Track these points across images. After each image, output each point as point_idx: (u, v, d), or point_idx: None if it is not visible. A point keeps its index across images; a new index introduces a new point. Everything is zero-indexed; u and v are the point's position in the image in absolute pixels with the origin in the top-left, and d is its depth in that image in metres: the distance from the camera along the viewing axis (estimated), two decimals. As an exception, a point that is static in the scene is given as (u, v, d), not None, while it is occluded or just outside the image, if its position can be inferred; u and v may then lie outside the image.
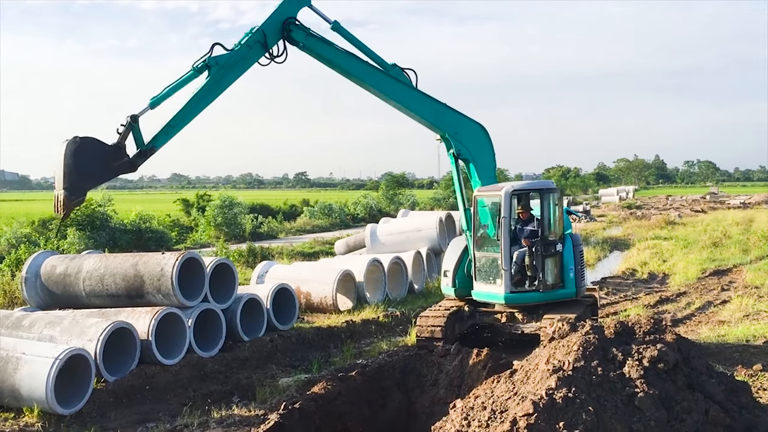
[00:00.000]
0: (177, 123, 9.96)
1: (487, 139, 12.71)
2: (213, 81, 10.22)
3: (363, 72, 11.73)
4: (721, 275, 21.76)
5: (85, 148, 9.19)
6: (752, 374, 10.46)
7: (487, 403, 6.72)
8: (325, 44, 11.50)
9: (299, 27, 11.22)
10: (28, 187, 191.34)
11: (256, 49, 10.75)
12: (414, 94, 12.01)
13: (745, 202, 67.75)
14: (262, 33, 10.77)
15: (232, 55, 10.47)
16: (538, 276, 12.51)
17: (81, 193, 9.34)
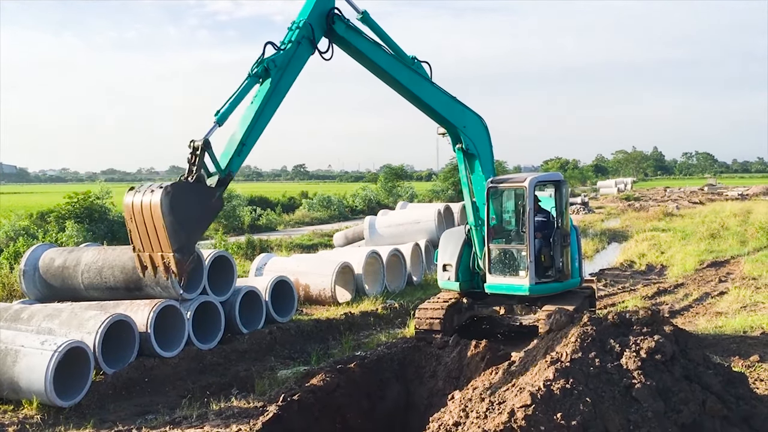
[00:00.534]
0: (249, 140, 8.68)
1: (487, 132, 12.68)
2: (273, 84, 9.04)
3: (394, 68, 11.11)
4: (718, 267, 21.79)
5: (179, 197, 7.71)
6: (749, 365, 10.49)
7: (485, 394, 6.74)
8: (363, 38, 10.63)
9: (341, 18, 10.20)
10: (26, 179, 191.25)
11: (305, 45, 9.58)
12: (432, 89, 11.65)
13: (743, 193, 67.84)
14: (309, 27, 9.54)
15: (286, 54, 9.27)
16: (556, 266, 12.59)
17: (192, 249, 7.98)
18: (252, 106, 8.79)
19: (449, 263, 13.25)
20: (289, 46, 9.30)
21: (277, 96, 9.08)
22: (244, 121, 8.71)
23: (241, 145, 8.52)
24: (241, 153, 8.52)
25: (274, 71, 8.97)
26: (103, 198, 29.68)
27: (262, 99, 8.85)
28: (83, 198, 28.38)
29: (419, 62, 11.68)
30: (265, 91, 8.88)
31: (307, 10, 9.66)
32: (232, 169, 8.46)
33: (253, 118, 8.67)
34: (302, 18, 9.57)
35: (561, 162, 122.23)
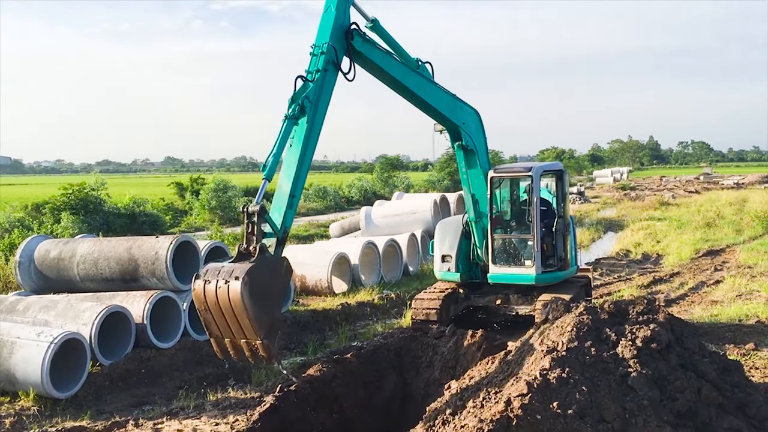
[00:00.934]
0: (297, 189, 8.25)
1: (482, 124, 12.63)
2: (310, 121, 8.39)
3: (404, 76, 10.70)
4: (714, 255, 21.85)
5: (256, 283, 7.13)
6: (744, 353, 10.54)
7: (481, 384, 6.76)
8: (377, 49, 10.04)
9: (358, 32, 9.39)
10: (21, 171, 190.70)
11: (331, 70, 8.85)
12: (435, 90, 11.50)
13: (738, 182, 67.92)
14: (333, 50, 8.81)
15: (316, 85, 8.58)
16: (558, 255, 12.66)
17: (276, 330, 7.60)
18: (293, 150, 8.25)
19: (449, 254, 13.24)
20: (317, 76, 8.62)
21: (315, 132, 8.55)
22: (288, 169, 8.20)
23: (291, 198, 8.07)
24: (293, 205, 8.09)
25: (309, 107, 8.39)
26: (99, 189, 29.62)
27: (302, 140, 8.28)
28: (78, 189, 28.33)
29: (423, 64, 11.55)
30: (303, 130, 8.30)
31: (327, 31, 8.92)
32: (287, 225, 7.98)
33: (297, 163, 8.17)
34: (324, 41, 8.81)
35: (557, 152, 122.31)
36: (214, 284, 7.06)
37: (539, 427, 5.44)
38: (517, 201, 13.22)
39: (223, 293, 6.99)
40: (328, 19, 8.96)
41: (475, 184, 12.63)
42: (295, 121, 8.21)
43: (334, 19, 8.91)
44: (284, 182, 8.07)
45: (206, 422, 9.03)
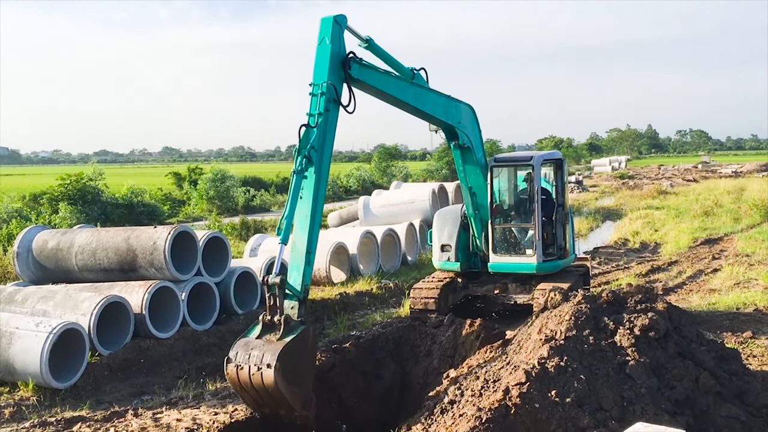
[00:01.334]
0: (313, 245, 8.00)
1: (477, 119, 12.53)
2: (317, 170, 8.06)
3: (401, 92, 10.43)
4: (712, 244, 21.87)
5: (287, 364, 7.15)
6: (742, 341, 10.56)
7: (480, 372, 6.77)
8: (374, 72, 9.62)
9: (355, 59, 8.89)
10: (18, 161, 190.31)
11: (333, 108, 8.46)
12: (431, 97, 11.30)
13: (736, 171, 67.91)
14: (332, 88, 8.39)
15: (319, 130, 8.18)
16: (558, 243, 12.69)
17: (310, 395, 7.55)
18: (304, 204, 7.98)
19: (448, 243, 13.23)
20: (320, 120, 8.22)
21: (323, 180, 8.25)
22: (301, 225, 7.96)
23: (307, 254, 7.87)
24: (310, 261, 7.92)
25: (316, 156, 8.07)
26: (96, 179, 29.59)
27: (312, 191, 7.99)
28: (76, 180, 28.30)
29: (418, 72, 11.29)
30: (312, 181, 7.99)
31: (324, 68, 8.43)
32: (307, 283, 7.84)
33: (310, 217, 7.93)
34: (322, 80, 8.35)
35: (555, 141, 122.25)
36: (247, 370, 7.12)
37: (537, 415, 5.45)
38: (519, 190, 13.22)
39: (257, 379, 7.06)
40: (323, 54, 8.50)
41: (472, 177, 12.56)
42: (303, 175, 7.93)
43: (330, 52, 8.46)
44: (299, 239, 7.87)
45: (205, 411, 9.04)
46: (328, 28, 8.49)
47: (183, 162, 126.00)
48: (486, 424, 5.31)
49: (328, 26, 8.49)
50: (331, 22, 8.50)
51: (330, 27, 8.48)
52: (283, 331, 7.28)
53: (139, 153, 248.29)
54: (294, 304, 7.59)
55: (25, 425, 8.81)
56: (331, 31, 8.50)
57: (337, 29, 8.54)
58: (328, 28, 8.49)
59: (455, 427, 5.70)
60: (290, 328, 7.35)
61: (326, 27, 8.51)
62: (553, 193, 13.12)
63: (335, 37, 8.54)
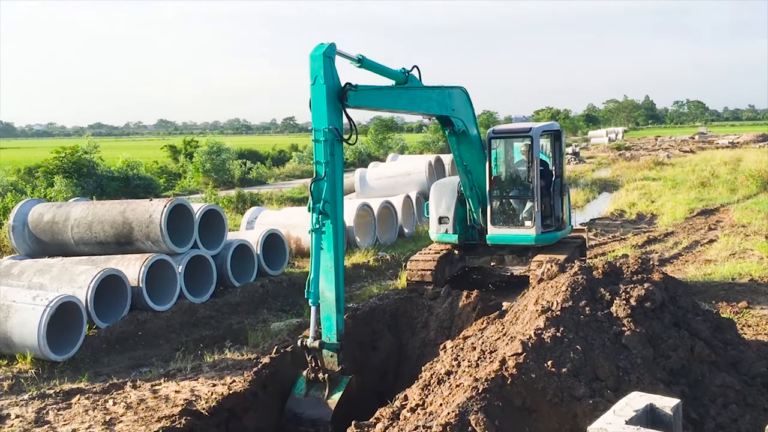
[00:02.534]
0: (340, 292, 8.12)
1: (469, 99, 12.38)
2: (334, 219, 8.10)
3: (396, 102, 10.39)
4: (708, 215, 21.90)
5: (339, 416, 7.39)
6: (737, 311, 10.62)
7: (476, 343, 6.79)
8: (370, 93, 9.36)
9: (351, 88, 8.54)
10: (12, 134, 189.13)
11: (337, 150, 8.31)
12: (425, 96, 11.14)
13: (733, 141, 67.82)
14: (335, 131, 8.19)
15: (329, 179, 8.14)
16: (556, 215, 12.70)
17: None
18: (326, 256, 8.05)
19: (446, 216, 13.23)
20: (328, 169, 8.14)
21: (340, 228, 8.29)
22: (327, 276, 8.04)
23: (337, 303, 8.02)
24: (341, 309, 8.09)
25: (330, 207, 8.08)
26: (91, 152, 29.46)
27: (332, 243, 8.04)
28: (71, 153, 28.17)
29: (410, 74, 10.81)
30: (330, 232, 8.05)
31: (323, 112, 8.17)
32: (341, 329, 8.06)
33: (334, 267, 8.03)
34: (323, 125, 8.13)
35: (552, 112, 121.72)
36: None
37: (534, 385, 5.48)
38: (517, 161, 13.18)
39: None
40: (319, 95, 8.17)
41: (467, 157, 12.46)
42: (321, 231, 7.96)
43: (325, 92, 8.11)
44: (327, 290, 7.98)
45: (203, 383, 9.10)
46: (320, 66, 8.03)
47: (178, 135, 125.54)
48: (482, 394, 5.34)
49: (320, 63, 8.02)
50: (321, 59, 7.99)
51: (321, 64, 8.01)
52: (330, 389, 7.62)
53: (134, 126, 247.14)
54: (333, 353, 7.81)
55: (24, 397, 8.87)
56: (323, 69, 8.04)
57: (328, 64, 8.10)
58: (320, 66, 8.03)
59: (452, 397, 5.73)
60: (335, 383, 7.66)
61: (317, 64, 8.04)
62: (551, 165, 13.09)
63: (328, 73, 8.12)
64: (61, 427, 7.95)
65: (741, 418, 5.64)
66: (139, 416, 8.16)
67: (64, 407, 8.54)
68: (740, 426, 5.58)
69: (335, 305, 7.94)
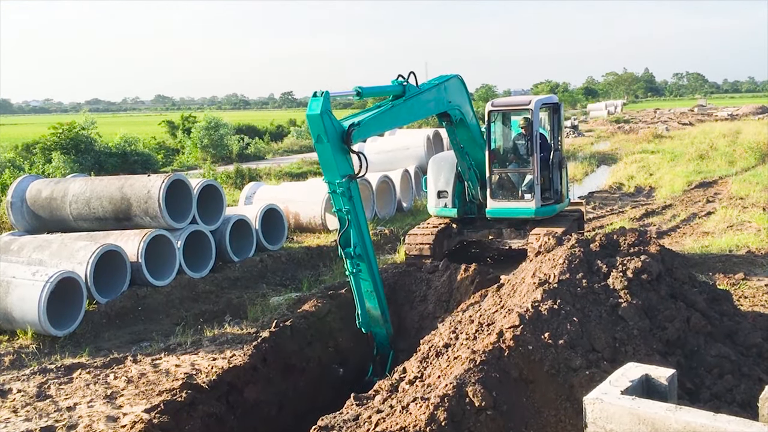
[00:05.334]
0: (384, 306, 8.71)
1: (465, 85, 12.22)
2: (366, 256, 8.48)
3: (397, 120, 10.37)
4: (706, 187, 21.92)
5: None
6: (734, 283, 10.67)
7: (474, 316, 6.84)
8: (372, 125, 9.40)
9: (353, 129, 8.58)
10: (9, 111, 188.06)
11: (353, 188, 8.43)
12: (423, 101, 10.85)
13: (732, 114, 67.58)
14: (347, 182, 8.27)
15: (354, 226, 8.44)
16: (555, 188, 12.72)
17: None
18: (367, 284, 8.60)
19: (445, 190, 13.23)
20: (350, 217, 8.39)
21: (372, 254, 8.70)
22: (369, 298, 8.63)
23: (383, 316, 8.71)
24: (387, 319, 8.79)
25: (361, 248, 8.45)
26: (89, 128, 29.32)
27: (369, 274, 8.51)
28: (68, 129, 28.04)
29: (408, 85, 10.70)
30: (366, 267, 8.48)
31: (332, 166, 8.21)
32: (391, 332, 8.89)
33: (374, 290, 8.58)
34: (336, 179, 8.22)
35: (551, 85, 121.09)
36: None
37: (531, 357, 5.53)
38: (517, 135, 13.14)
39: None
40: (325, 153, 8.17)
41: (464, 140, 12.38)
42: (358, 271, 8.43)
43: (331, 148, 8.09)
44: (372, 309, 8.63)
45: (203, 357, 9.17)
46: (320, 125, 7.94)
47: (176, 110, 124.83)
48: (480, 366, 5.38)
49: (319, 123, 7.92)
50: (320, 118, 7.89)
51: (321, 123, 7.91)
52: None
53: (131, 101, 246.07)
54: (389, 353, 8.84)
55: (26, 372, 8.93)
56: (323, 126, 7.97)
57: (327, 119, 8.02)
58: (320, 125, 7.94)
59: (450, 369, 5.78)
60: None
61: (317, 124, 7.95)
62: (549, 138, 13.06)
63: (329, 127, 8.07)
64: (63, 401, 8.02)
65: (736, 388, 5.69)
66: (140, 390, 8.23)
67: (65, 382, 8.61)
68: (735, 396, 5.63)
69: (382, 318, 8.65)
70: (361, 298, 8.50)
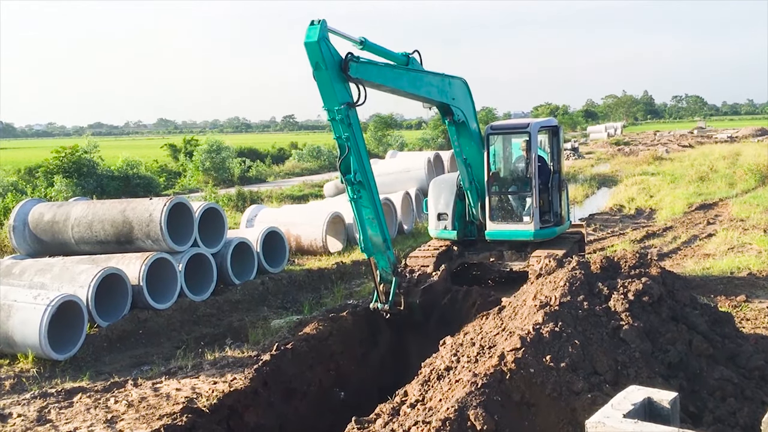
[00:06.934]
0: (386, 233, 9.06)
1: (470, 91, 12.43)
2: (367, 181, 8.83)
3: (397, 81, 10.40)
4: (707, 209, 21.93)
5: None
6: (735, 305, 10.65)
7: (475, 339, 6.83)
8: (373, 67, 9.58)
9: (352, 59, 8.82)
10: (12, 134, 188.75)
11: (352, 116, 8.75)
12: (426, 80, 11.21)
13: (732, 136, 67.75)
14: (345, 107, 8.59)
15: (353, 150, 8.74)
16: (554, 210, 12.73)
17: None
18: (368, 211, 8.96)
19: (445, 212, 13.29)
20: (350, 143, 8.74)
21: (373, 184, 9.06)
22: (371, 225, 8.96)
23: (385, 243, 9.05)
24: (390, 246, 9.18)
25: (361, 174, 8.81)
26: (91, 152, 29.47)
27: (370, 200, 8.90)
28: (71, 152, 28.18)
29: (412, 57, 11.13)
30: (365, 194, 8.88)
31: (330, 93, 8.53)
32: (393, 260, 9.28)
33: (375, 217, 8.93)
34: (335, 105, 8.56)
35: (551, 108, 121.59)
36: None
37: (532, 380, 5.51)
38: (515, 158, 13.21)
39: None
40: (324, 79, 8.48)
41: (467, 150, 12.50)
42: (359, 197, 8.83)
43: (328, 75, 8.39)
44: (374, 236, 8.99)
45: (204, 381, 9.13)
46: (317, 52, 8.21)
47: (178, 134, 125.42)
48: (482, 389, 5.37)
49: (316, 50, 8.19)
50: (317, 45, 8.14)
51: (318, 50, 8.18)
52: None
53: (133, 125, 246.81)
54: (392, 280, 9.20)
55: (26, 396, 8.90)
56: (321, 54, 8.23)
57: (325, 47, 8.28)
58: (317, 52, 8.21)
59: (451, 392, 5.76)
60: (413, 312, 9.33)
61: (315, 52, 8.22)
62: (548, 161, 13.11)
63: (327, 55, 8.32)
64: (63, 426, 7.98)
65: (739, 411, 5.67)
66: (141, 414, 8.19)
67: (65, 406, 8.57)
68: (738, 419, 5.60)
69: (384, 245, 9.00)
70: (362, 224, 8.89)
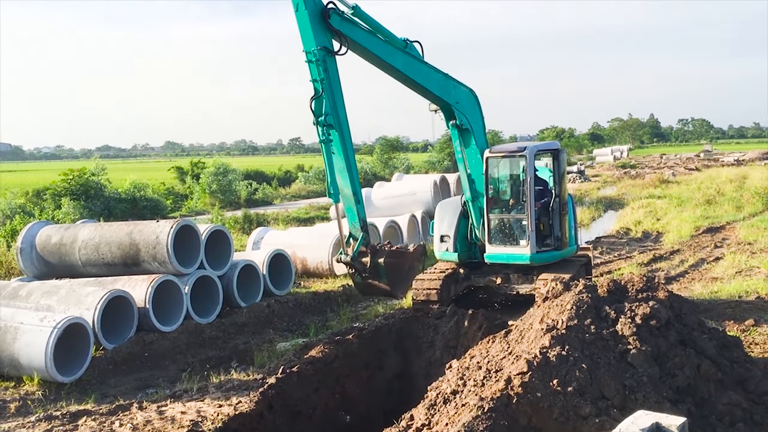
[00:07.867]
0: (357, 186, 9.28)
1: (479, 104, 12.57)
2: (337, 124, 9.06)
3: (389, 54, 10.68)
4: (714, 232, 21.86)
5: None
6: (744, 329, 10.58)
7: (482, 362, 6.80)
8: (357, 28, 9.99)
9: (335, 11, 9.41)
10: (21, 157, 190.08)
11: (330, 64, 9.15)
12: (425, 69, 11.42)
13: (738, 159, 67.68)
14: (323, 50, 9.06)
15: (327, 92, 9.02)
16: (555, 234, 12.69)
17: None
18: (338, 159, 9.06)
19: (447, 234, 13.29)
20: (324, 85, 9.01)
21: (345, 129, 9.19)
22: (342, 176, 9.07)
23: (354, 195, 9.15)
24: (359, 200, 9.26)
25: (333, 118, 9.01)
26: (99, 174, 29.63)
27: (340, 147, 9.02)
28: (79, 175, 28.34)
29: (411, 44, 11.40)
30: (337, 138, 9.02)
31: (309, 34, 9.01)
32: (363, 216, 9.40)
33: (346, 167, 9.03)
34: (312, 47, 9.03)
35: (557, 131, 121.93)
36: None
37: (539, 404, 5.48)
38: (513, 181, 13.21)
39: None
40: (303, 20, 8.98)
41: (471, 163, 12.63)
42: (329, 140, 8.92)
43: (308, 16, 8.88)
44: (344, 187, 9.08)
45: (210, 404, 9.10)
46: None
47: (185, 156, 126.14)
48: (488, 413, 5.34)
49: None
50: None
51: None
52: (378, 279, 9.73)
53: (141, 148, 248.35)
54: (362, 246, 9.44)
55: (31, 419, 8.87)
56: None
57: None
58: None
59: (458, 416, 5.73)
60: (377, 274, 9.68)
61: None
62: (550, 184, 13.10)
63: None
64: (68, 449, 7.95)
65: (748, 437, 5.62)
66: (146, 437, 8.15)
67: (70, 429, 8.54)
68: (747, 444, 5.56)
69: (353, 198, 9.07)
70: (331, 168, 9.01)
